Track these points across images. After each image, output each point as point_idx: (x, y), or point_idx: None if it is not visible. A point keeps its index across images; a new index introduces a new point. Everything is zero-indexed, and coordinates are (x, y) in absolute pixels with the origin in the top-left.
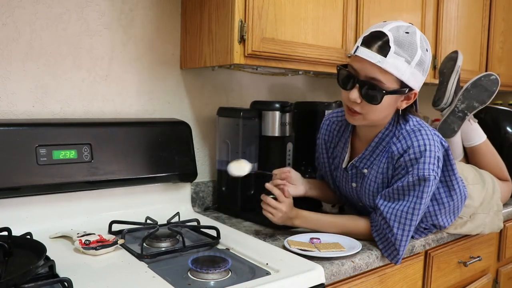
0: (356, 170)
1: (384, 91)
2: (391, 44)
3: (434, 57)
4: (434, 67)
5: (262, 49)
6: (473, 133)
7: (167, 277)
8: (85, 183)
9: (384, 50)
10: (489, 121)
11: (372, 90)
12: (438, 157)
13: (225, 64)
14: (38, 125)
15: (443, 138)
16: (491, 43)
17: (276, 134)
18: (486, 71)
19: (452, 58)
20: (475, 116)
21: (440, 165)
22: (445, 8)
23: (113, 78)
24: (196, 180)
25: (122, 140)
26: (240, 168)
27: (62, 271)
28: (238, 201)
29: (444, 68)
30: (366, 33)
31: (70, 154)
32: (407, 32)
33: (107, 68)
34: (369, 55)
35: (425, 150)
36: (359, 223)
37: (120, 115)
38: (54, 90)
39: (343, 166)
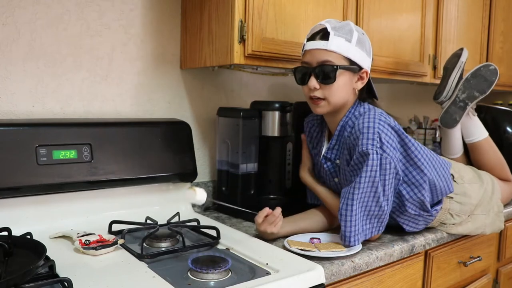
0: (331, 162)
1: (335, 67)
2: (330, 30)
3: (435, 57)
4: (434, 67)
5: (262, 49)
6: (474, 128)
7: (167, 277)
8: (85, 183)
9: (325, 36)
10: (489, 121)
11: (326, 71)
12: (378, 132)
13: (225, 64)
14: (38, 125)
15: (391, 118)
16: (491, 43)
17: (276, 134)
18: None
19: (457, 55)
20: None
21: (387, 141)
22: (445, 8)
23: (113, 78)
24: (196, 180)
25: (122, 140)
26: (194, 195)
27: (62, 271)
28: (238, 201)
29: (448, 64)
30: (308, 35)
31: (70, 154)
32: (341, 22)
33: (107, 68)
34: (314, 44)
35: (363, 127)
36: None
37: (120, 115)
38: (54, 90)
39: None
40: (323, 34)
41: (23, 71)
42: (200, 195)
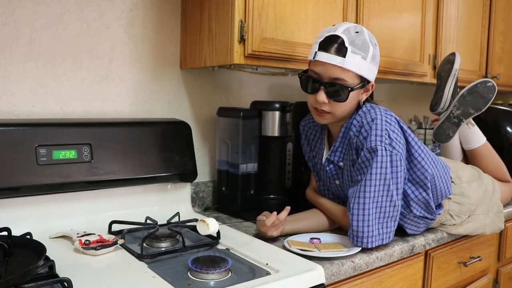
0: (334, 165)
1: (349, 88)
2: (347, 45)
3: (434, 57)
4: (434, 67)
5: (262, 49)
6: (472, 136)
7: (167, 277)
8: (85, 183)
9: (342, 51)
10: (490, 121)
11: (338, 90)
12: (387, 129)
13: (225, 64)
14: (38, 125)
15: (397, 117)
16: (491, 43)
17: (276, 134)
18: (486, 71)
19: (450, 61)
20: (474, 118)
21: (395, 137)
22: (445, 8)
23: (113, 78)
24: (196, 180)
25: (122, 140)
26: (206, 227)
27: (62, 271)
28: (238, 201)
29: (441, 71)
30: (320, 38)
31: (70, 154)
32: (357, 32)
33: (107, 68)
34: (330, 58)
35: (371, 124)
36: (340, 210)
37: (120, 115)
38: (54, 90)
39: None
40: (339, 48)
41: (23, 71)
42: (213, 227)
